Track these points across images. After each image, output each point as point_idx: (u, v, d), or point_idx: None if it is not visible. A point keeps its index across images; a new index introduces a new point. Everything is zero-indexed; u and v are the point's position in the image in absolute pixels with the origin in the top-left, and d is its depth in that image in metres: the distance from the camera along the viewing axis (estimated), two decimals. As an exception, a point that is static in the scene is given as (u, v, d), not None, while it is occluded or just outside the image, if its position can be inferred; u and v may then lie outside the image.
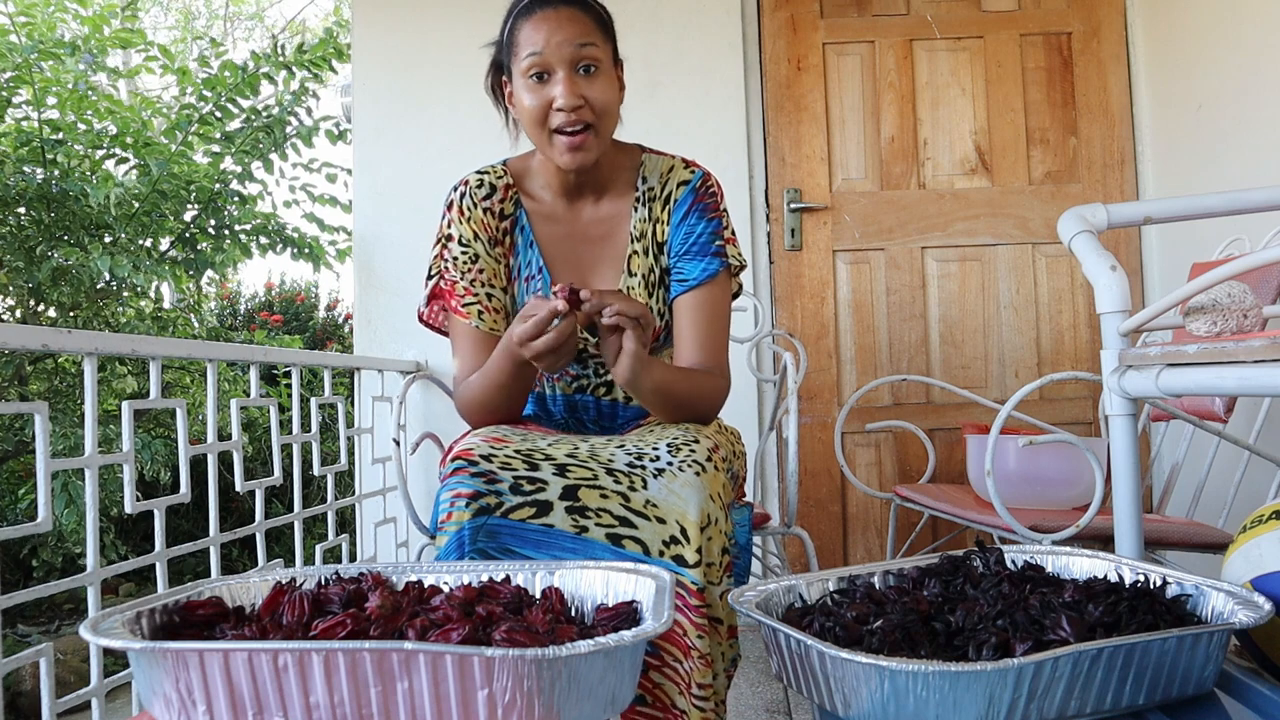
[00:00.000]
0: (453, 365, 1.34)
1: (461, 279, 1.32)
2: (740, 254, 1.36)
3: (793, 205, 2.63)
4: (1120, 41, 2.65)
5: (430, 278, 1.36)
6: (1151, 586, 0.84)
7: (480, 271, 1.32)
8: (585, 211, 1.36)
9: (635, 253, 1.34)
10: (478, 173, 1.37)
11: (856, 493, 2.58)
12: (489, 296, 1.33)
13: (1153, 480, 2.43)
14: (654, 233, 1.34)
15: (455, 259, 1.33)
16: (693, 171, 1.36)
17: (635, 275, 1.33)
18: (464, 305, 1.31)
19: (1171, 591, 0.84)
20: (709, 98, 2.62)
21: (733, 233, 1.37)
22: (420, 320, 1.42)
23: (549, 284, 1.32)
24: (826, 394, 2.62)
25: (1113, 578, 0.89)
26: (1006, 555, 0.99)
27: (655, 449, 1.10)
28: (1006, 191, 2.65)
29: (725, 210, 1.37)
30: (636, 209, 1.35)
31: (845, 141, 2.68)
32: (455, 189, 1.35)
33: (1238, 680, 0.80)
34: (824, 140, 2.67)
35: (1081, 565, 0.96)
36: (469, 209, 1.33)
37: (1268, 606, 0.76)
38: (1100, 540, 1.51)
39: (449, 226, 1.34)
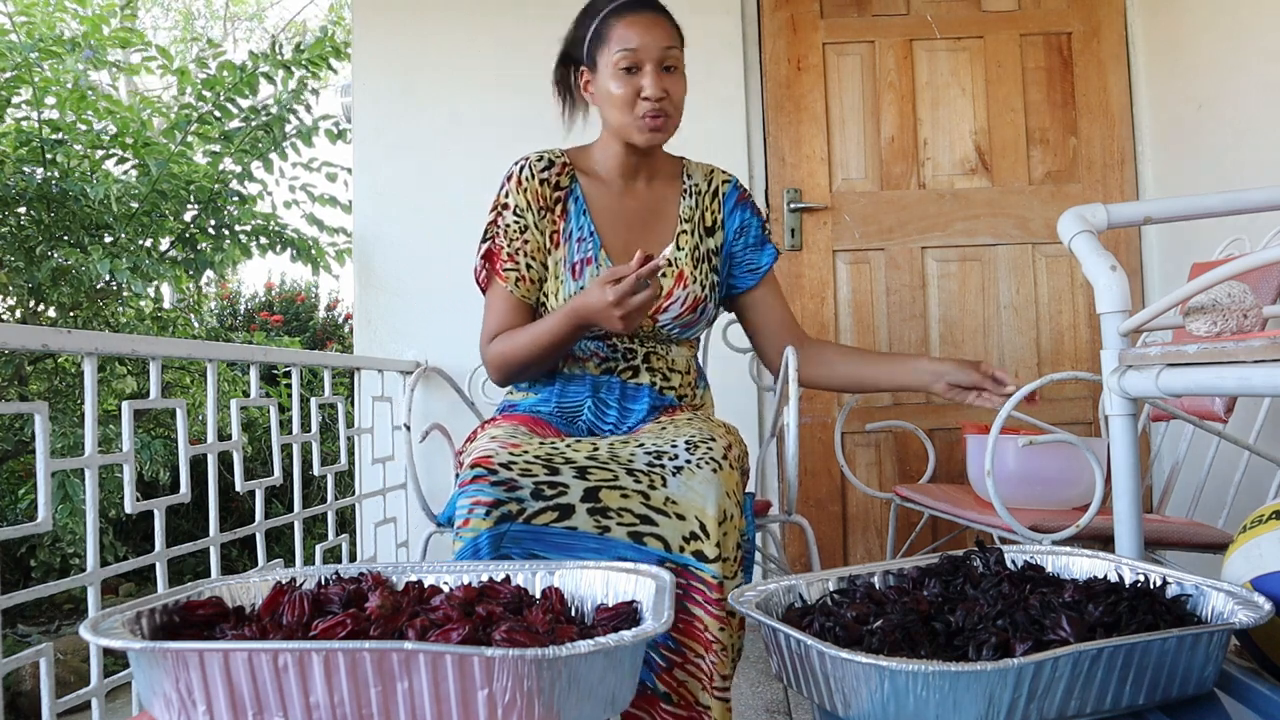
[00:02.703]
0: (483, 322, 1.49)
1: (508, 245, 1.47)
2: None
3: (793, 205, 2.63)
4: (1120, 41, 2.65)
5: (485, 239, 1.51)
6: (1151, 586, 0.84)
7: (526, 243, 1.47)
8: (639, 190, 1.53)
9: (684, 231, 1.51)
10: (540, 151, 1.52)
11: (856, 493, 2.58)
12: (528, 267, 1.47)
13: (1153, 480, 2.43)
14: (703, 218, 1.54)
15: (508, 226, 1.48)
16: (728, 174, 1.61)
17: (683, 250, 1.50)
18: (505, 270, 1.47)
19: (1171, 591, 0.84)
20: (709, 98, 2.61)
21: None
22: (476, 280, 1.54)
23: (599, 246, 1.47)
24: (826, 394, 2.62)
25: (1113, 578, 0.89)
26: (1006, 555, 0.99)
27: (674, 446, 1.16)
28: (1006, 191, 2.65)
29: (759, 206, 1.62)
30: (685, 198, 1.55)
31: (845, 141, 2.68)
32: (516, 163, 1.51)
33: (1238, 680, 0.80)
34: (824, 140, 2.66)
35: (1081, 565, 0.96)
36: (527, 179, 1.48)
37: (1268, 606, 0.76)
38: (1100, 540, 1.51)
39: (506, 196, 1.49)
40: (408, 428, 1.69)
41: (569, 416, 1.45)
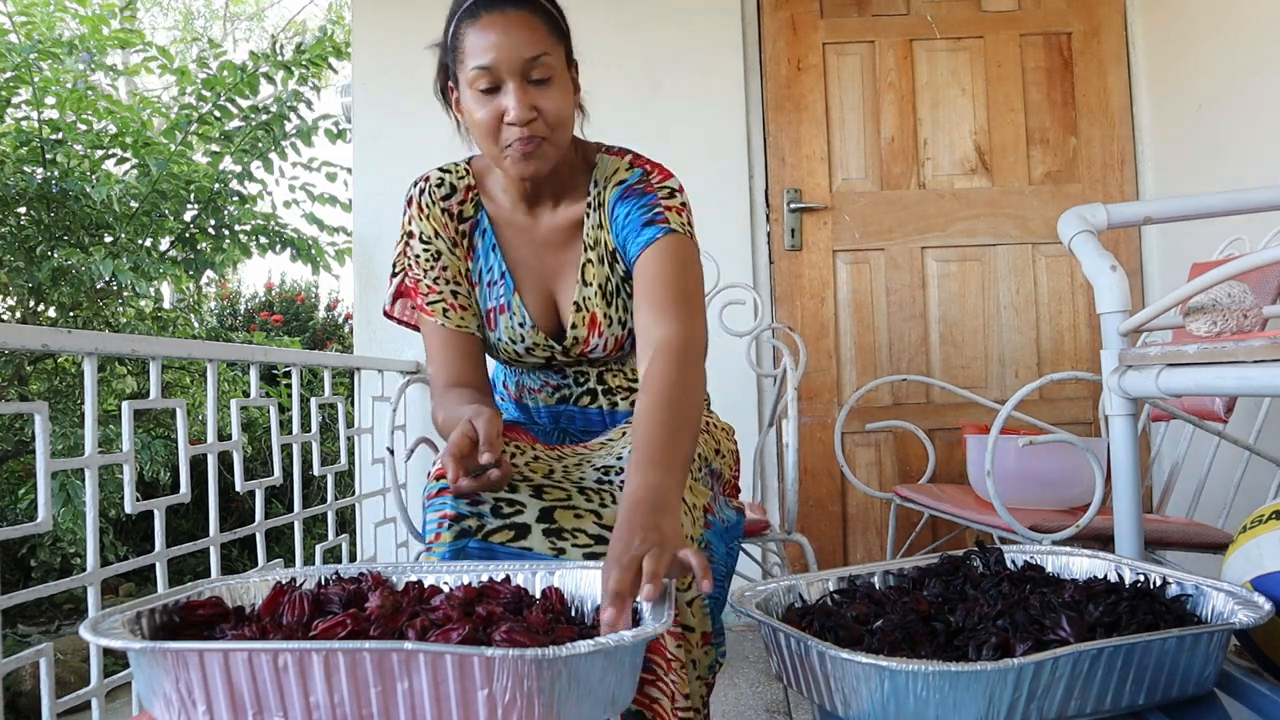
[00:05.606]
0: (428, 369, 1.31)
1: (425, 276, 1.28)
2: (686, 223, 1.24)
3: (793, 205, 2.63)
4: (1120, 41, 2.65)
5: (394, 275, 1.32)
6: (1151, 586, 0.84)
7: (444, 269, 1.28)
8: (544, 218, 1.30)
9: (589, 261, 1.27)
10: (440, 170, 1.33)
11: (856, 493, 2.58)
12: (454, 294, 1.28)
13: (1153, 480, 2.43)
14: (605, 240, 1.28)
15: (418, 256, 1.29)
16: (631, 171, 1.27)
17: (591, 285, 1.27)
18: (429, 303, 1.28)
19: (1171, 591, 0.84)
20: (709, 97, 2.62)
21: (683, 204, 1.25)
22: (386, 315, 1.37)
23: (512, 290, 1.28)
24: (826, 394, 2.62)
25: (1113, 578, 0.89)
26: (1006, 555, 0.99)
27: (619, 459, 1.11)
28: (1006, 191, 2.65)
29: (668, 188, 1.25)
30: (589, 215, 1.28)
31: (845, 141, 2.68)
32: (415, 184, 1.32)
33: (1238, 680, 0.80)
34: (824, 140, 2.67)
35: (1081, 565, 0.96)
36: (428, 206, 1.29)
37: (1268, 606, 0.76)
38: (1100, 540, 1.51)
39: (410, 224, 1.30)
40: (391, 451, 1.63)
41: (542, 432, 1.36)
